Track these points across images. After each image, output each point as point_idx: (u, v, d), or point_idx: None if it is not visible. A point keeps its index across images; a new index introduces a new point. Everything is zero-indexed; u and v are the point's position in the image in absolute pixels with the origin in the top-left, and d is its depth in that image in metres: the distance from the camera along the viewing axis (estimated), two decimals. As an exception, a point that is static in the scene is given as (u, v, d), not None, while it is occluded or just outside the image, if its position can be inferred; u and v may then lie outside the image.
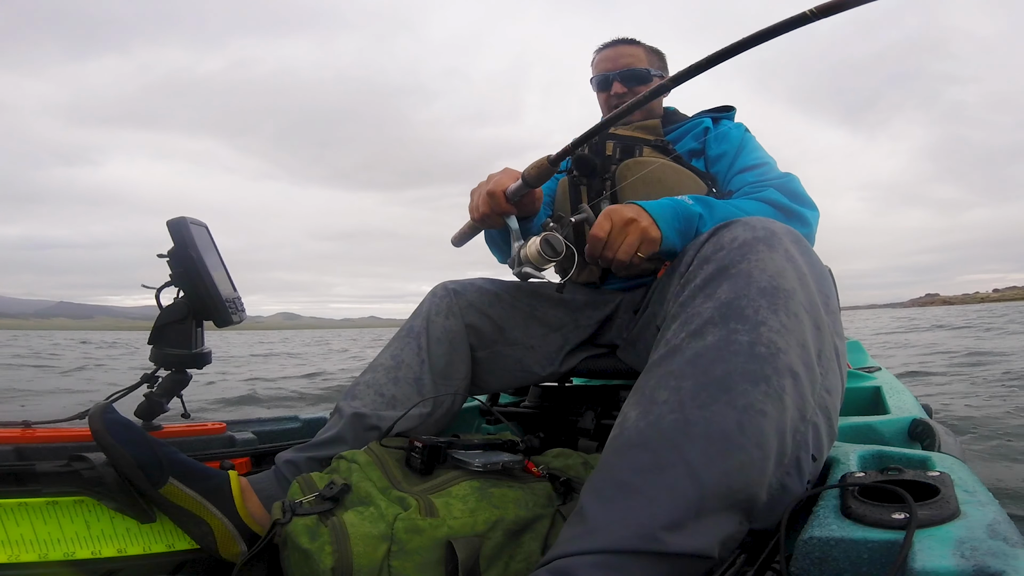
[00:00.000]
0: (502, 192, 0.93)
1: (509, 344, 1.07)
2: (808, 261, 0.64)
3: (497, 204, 0.93)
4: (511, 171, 0.95)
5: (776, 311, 0.57)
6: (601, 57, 1.26)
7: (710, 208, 0.91)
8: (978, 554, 0.41)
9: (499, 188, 0.93)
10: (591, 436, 1.12)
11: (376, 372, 1.00)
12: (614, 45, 1.26)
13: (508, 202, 0.93)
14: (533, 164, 0.89)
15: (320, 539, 0.65)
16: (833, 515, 0.51)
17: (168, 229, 0.92)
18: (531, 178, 0.89)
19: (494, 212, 0.94)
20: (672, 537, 0.48)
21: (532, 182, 0.89)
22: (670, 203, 0.89)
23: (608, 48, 1.26)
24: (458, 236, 1.13)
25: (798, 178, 1.05)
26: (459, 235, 1.12)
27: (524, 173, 0.89)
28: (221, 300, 0.93)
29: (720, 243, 0.64)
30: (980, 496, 0.51)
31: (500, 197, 0.93)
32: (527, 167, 0.89)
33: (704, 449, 0.51)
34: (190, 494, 0.79)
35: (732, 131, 1.18)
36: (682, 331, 0.60)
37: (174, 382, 0.95)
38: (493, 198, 0.93)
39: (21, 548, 0.76)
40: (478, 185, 0.99)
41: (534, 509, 0.71)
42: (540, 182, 0.90)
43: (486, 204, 0.94)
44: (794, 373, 0.56)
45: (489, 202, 0.94)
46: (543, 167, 0.87)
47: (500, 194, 0.93)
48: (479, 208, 0.96)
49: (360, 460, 0.78)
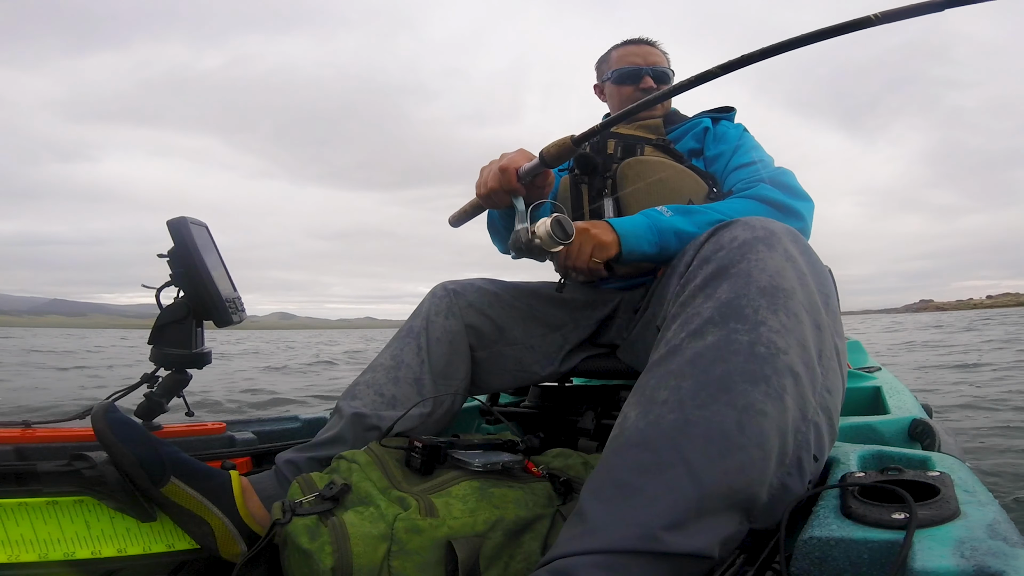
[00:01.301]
0: (515, 169, 0.89)
1: (509, 344, 1.07)
2: (808, 261, 0.64)
3: (508, 181, 0.90)
4: (525, 151, 0.92)
5: (776, 311, 0.57)
6: (628, 52, 1.27)
7: (689, 215, 0.94)
8: (978, 554, 0.41)
9: (512, 165, 0.89)
10: (591, 436, 1.12)
11: (376, 372, 1.00)
12: (639, 43, 1.27)
13: (519, 181, 0.90)
14: (554, 143, 0.85)
15: (320, 539, 0.65)
16: (833, 515, 0.51)
17: (168, 229, 0.92)
18: (550, 157, 0.85)
19: (503, 189, 0.91)
20: (672, 537, 0.48)
21: (550, 161, 0.86)
22: (642, 216, 0.94)
23: (634, 44, 1.27)
24: (457, 215, 1.09)
25: (792, 172, 1.05)
26: (459, 214, 1.09)
27: (543, 151, 0.86)
28: (221, 300, 0.93)
29: (720, 243, 0.64)
30: (980, 496, 0.51)
31: (512, 174, 0.89)
32: (547, 145, 0.86)
33: (704, 449, 0.51)
34: (191, 494, 0.79)
35: (730, 131, 1.18)
36: (682, 331, 0.60)
37: (174, 382, 0.95)
38: (505, 174, 0.89)
39: (21, 548, 0.76)
40: (489, 163, 0.95)
41: (534, 509, 0.71)
42: (558, 162, 0.87)
43: (496, 180, 0.90)
44: (794, 373, 0.56)
45: (500, 178, 0.90)
46: (565, 146, 0.84)
47: (512, 171, 0.89)
48: (487, 183, 0.92)
49: (360, 460, 0.78)
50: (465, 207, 1.06)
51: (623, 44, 1.28)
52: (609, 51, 1.30)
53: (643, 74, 1.24)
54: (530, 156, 0.90)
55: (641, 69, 1.24)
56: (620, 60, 1.27)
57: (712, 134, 1.19)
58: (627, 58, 1.26)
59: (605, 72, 1.30)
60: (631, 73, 1.24)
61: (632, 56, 1.26)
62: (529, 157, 0.90)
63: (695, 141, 1.19)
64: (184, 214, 0.94)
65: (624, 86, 1.26)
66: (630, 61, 1.25)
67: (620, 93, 1.27)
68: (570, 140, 0.83)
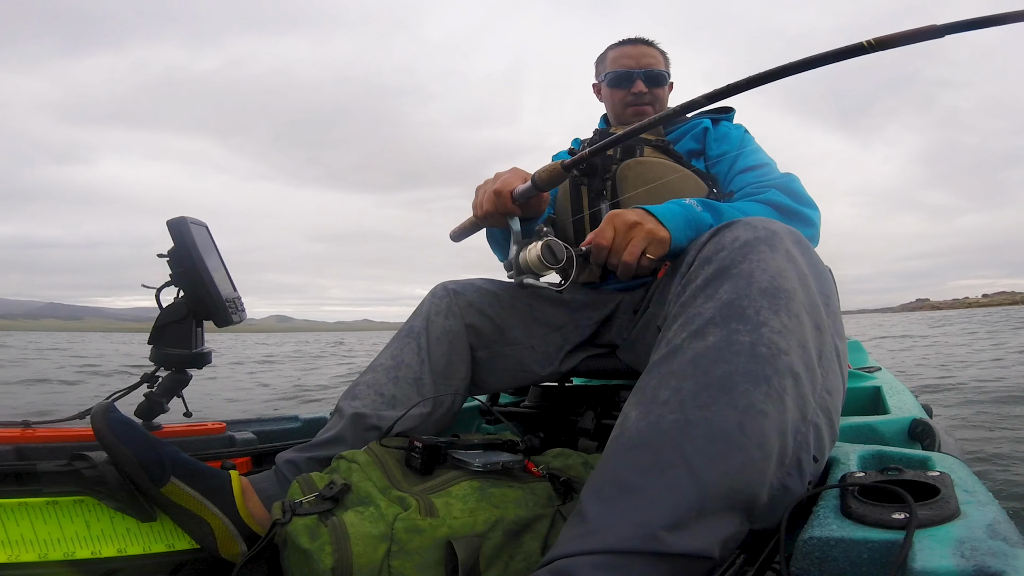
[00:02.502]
0: (509, 192, 0.91)
1: (509, 344, 1.07)
2: (809, 262, 0.64)
3: (503, 204, 0.91)
4: (519, 171, 0.94)
5: (777, 312, 0.57)
6: (621, 53, 1.25)
7: (718, 214, 0.92)
8: (978, 554, 0.41)
9: (506, 188, 0.91)
10: (591, 436, 1.12)
11: (376, 372, 1.00)
12: (634, 43, 1.25)
13: (514, 203, 0.91)
14: (545, 168, 0.87)
15: (320, 539, 0.65)
16: (833, 515, 0.51)
17: (168, 229, 0.92)
18: (542, 182, 0.87)
19: (498, 211, 0.93)
20: (673, 537, 0.48)
21: (542, 186, 0.87)
22: (679, 207, 0.89)
23: (628, 45, 1.25)
24: (458, 231, 1.11)
25: (798, 178, 1.05)
26: (459, 230, 1.11)
27: (535, 176, 0.88)
28: (221, 300, 0.93)
29: (721, 243, 0.64)
30: (980, 496, 0.51)
31: (506, 197, 0.91)
32: (539, 169, 0.88)
33: (705, 449, 0.51)
34: (191, 493, 0.79)
35: (732, 132, 1.18)
36: (683, 331, 0.60)
37: (174, 382, 0.95)
38: (499, 197, 0.91)
39: (21, 548, 0.76)
40: (484, 182, 0.97)
41: (534, 509, 0.71)
42: (550, 187, 0.88)
43: (491, 203, 0.92)
44: (795, 374, 0.56)
45: (495, 201, 0.92)
46: (555, 171, 0.85)
47: (507, 194, 0.91)
48: (483, 206, 0.94)
49: (360, 460, 0.78)
50: (464, 224, 1.08)
51: (619, 44, 1.27)
52: (606, 50, 1.30)
53: (635, 77, 1.23)
54: (524, 175, 0.91)
55: (633, 72, 1.23)
56: (614, 62, 1.26)
57: (713, 134, 1.19)
58: (619, 60, 1.25)
59: (601, 72, 1.30)
60: (621, 76, 1.24)
61: (624, 58, 1.25)
62: (523, 176, 0.91)
63: (694, 142, 1.19)
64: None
65: (617, 89, 1.25)
66: (623, 64, 1.24)
67: (613, 96, 1.27)
68: (560, 166, 0.85)
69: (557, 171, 0.85)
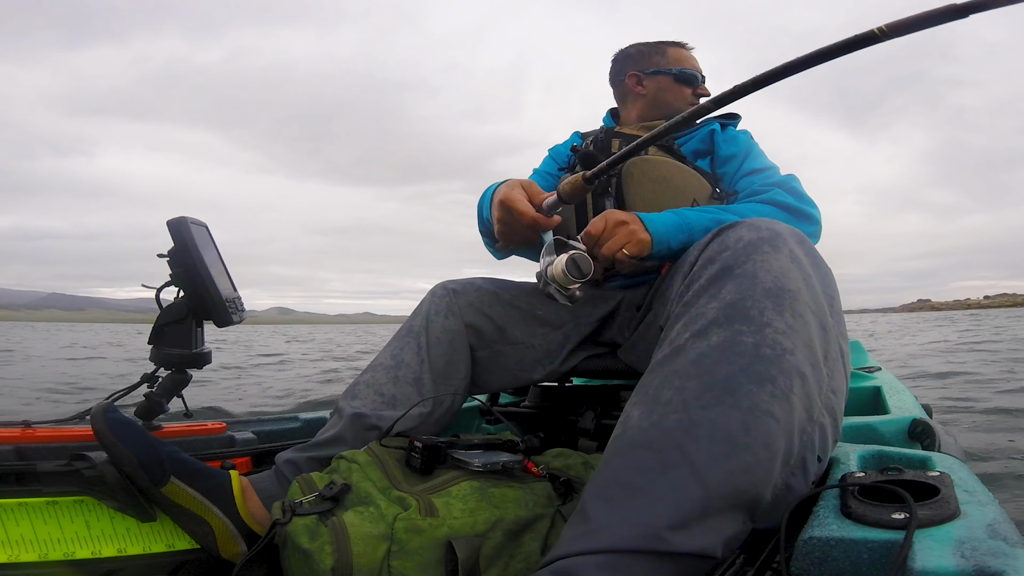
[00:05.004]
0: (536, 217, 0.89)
1: (509, 343, 1.07)
2: (813, 262, 0.64)
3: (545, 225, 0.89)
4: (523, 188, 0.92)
5: (781, 312, 0.57)
6: (686, 55, 1.30)
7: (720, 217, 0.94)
8: (978, 554, 0.41)
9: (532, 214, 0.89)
10: (591, 436, 1.12)
11: (376, 372, 1.00)
12: (691, 50, 1.31)
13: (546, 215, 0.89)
14: (568, 181, 0.85)
15: (320, 539, 0.65)
16: (833, 515, 0.51)
17: (168, 229, 0.92)
18: (567, 195, 0.86)
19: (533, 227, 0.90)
20: (677, 537, 0.48)
21: (567, 199, 0.86)
22: (674, 216, 0.93)
23: (688, 50, 1.31)
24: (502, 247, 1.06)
25: (798, 178, 1.08)
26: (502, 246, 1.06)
27: (559, 190, 0.86)
28: (221, 300, 0.94)
29: (724, 243, 0.64)
30: (980, 496, 0.51)
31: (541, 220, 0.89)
32: (562, 183, 0.86)
33: (709, 449, 0.51)
34: (191, 493, 0.79)
35: (740, 135, 1.21)
36: (686, 331, 0.60)
37: (174, 382, 0.95)
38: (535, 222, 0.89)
39: (21, 548, 0.76)
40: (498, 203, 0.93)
41: (534, 509, 0.71)
42: (574, 200, 0.87)
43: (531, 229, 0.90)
44: (801, 374, 0.56)
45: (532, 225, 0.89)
46: (577, 184, 0.84)
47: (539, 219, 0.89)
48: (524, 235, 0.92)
49: (360, 460, 0.78)
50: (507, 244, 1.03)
51: (678, 46, 1.30)
52: (660, 44, 1.30)
53: (701, 80, 1.28)
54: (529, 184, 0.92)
55: (700, 75, 1.28)
56: (681, 61, 1.28)
57: (721, 137, 1.20)
58: (688, 61, 1.29)
59: (660, 65, 1.28)
60: (692, 77, 1.27)
61: (692, 60, 1.29)
62: (531, 186, 0.91)
63: (700, 143, 1.20)
64: (181, 210, 0.94)
65: (685, 86, 1.28)
66: (693, 65, 1.29)
67: (680, 92, 1.27)
68: (582, 178, 0.83)
69: (579, 183, 0.84)
